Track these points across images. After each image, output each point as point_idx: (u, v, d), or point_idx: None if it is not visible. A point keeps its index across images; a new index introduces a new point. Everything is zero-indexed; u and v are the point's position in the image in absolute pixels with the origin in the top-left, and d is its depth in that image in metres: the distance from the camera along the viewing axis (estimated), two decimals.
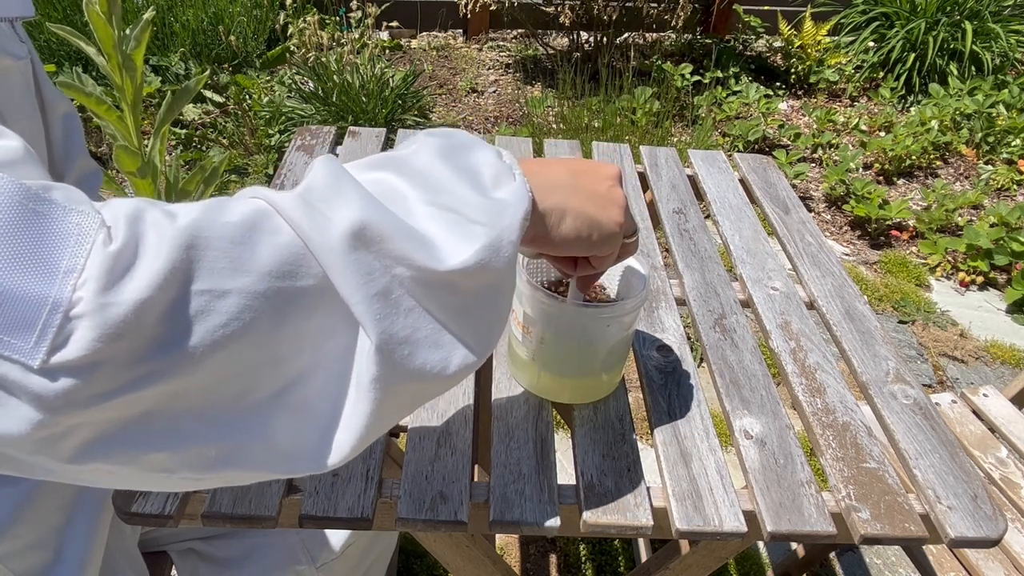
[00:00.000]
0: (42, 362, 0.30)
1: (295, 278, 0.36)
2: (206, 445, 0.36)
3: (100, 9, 1.29)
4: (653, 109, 2.89)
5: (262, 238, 0.36)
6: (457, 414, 0.66)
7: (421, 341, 0.39)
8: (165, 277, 0.32)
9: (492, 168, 0.45)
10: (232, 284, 0.34)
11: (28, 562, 0.64)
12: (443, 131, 0.47)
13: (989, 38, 3.39)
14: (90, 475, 0.35)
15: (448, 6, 3.81)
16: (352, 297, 0.37)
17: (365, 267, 0.37)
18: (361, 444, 0.40)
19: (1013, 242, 2.35)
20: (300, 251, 0.36)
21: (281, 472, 0.40)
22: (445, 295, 0.40)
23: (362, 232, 0.37)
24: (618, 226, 0.51)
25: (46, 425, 0.31)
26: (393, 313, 0.38)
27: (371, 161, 0.44)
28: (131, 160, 1.45)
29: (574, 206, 0.49)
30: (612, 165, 0.54)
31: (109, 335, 0.31)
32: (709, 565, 0.72)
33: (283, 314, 0.36)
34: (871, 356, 0.78)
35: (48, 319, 0.30)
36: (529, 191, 0.45)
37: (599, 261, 0.55)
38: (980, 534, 0.59)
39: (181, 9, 3.15)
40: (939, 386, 1.98)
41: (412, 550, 1.42)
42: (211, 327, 0.33)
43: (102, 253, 0.31)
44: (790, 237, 0.98)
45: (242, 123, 2.80)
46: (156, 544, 0.87)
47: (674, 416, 0.68)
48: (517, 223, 0.42)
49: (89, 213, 0.32)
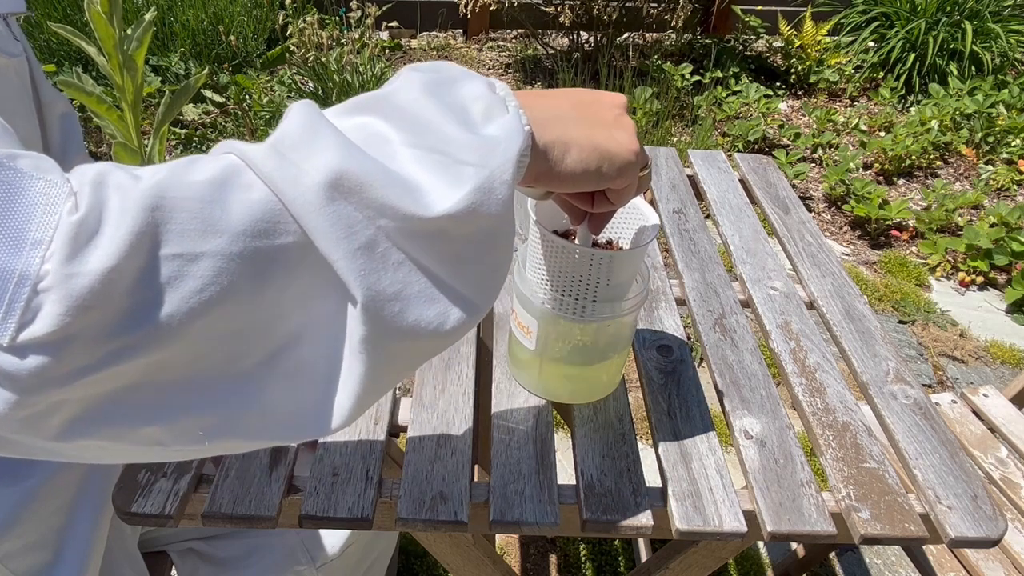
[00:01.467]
0: (11, 340, 0.29)
1: (272, 236, 0.34)
2: (198, 416, 0.35)
3: (101, 9, 1.29)
4: (653, 109, 2.89)
5: (233, 195, 0.33)
6: (457, 414, 0.66)
7: (413, 296, 0.36)
8: (131, 243, 0.30)
9: (483, 102, 0.41)
10: (205, 246, 0.32)
11: (28, 562, 0.64)
12: (430, 64, 0.43)
13: (989, 38, 3.39)
14: (82, 452, 0.34)
15: (448, 6, 3.81)
16: (333, 253, 0.34)
17: (345, 219, 0.34)
18: (361, 406, 0.39)
19: (1013, 242, 2.35)
20: (275, 207, 0.34)
21: (283, 438, 0.38)
22: (436, 245, 0.36)
23: (339, 181, 0.34)
24: (634, 153, 0.47)
25: (23, 405, 0.30)
26: (380, 268, 0.35)
27: (351, 104, 0.40)
28: (130, 158, 1.45)
29: (579, 137, 0.45)
30: (618, 94, 0.50)
31: (77, 307, 0.29)
32: (709, 565, 0.72)
33: (263, 275, 0.34)
34: (871, 356, 0.78)
35: (15, 293, 0.29)
36: (525, 124, 0.41)
37: (616, 195, 0.50)
38: (980, 534, 0.59)
39: (181, 9, 3.15)
40: (939, 386, 1.98)
41: (412, 550, 1.42)
42: (186, 293, 0.31)
43: (67, 222, 0.30)
44: (790, 237, 0.98)
45: (242, 123, 2.80)
46: (156, 544, 0.87)
47: (674, 416, 0.68)
48: (511, 160, 0.38)
49: (57, 182, 0.31)
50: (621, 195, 0.51)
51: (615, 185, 0.48)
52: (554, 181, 0.45)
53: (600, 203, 0.52)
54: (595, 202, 0.52)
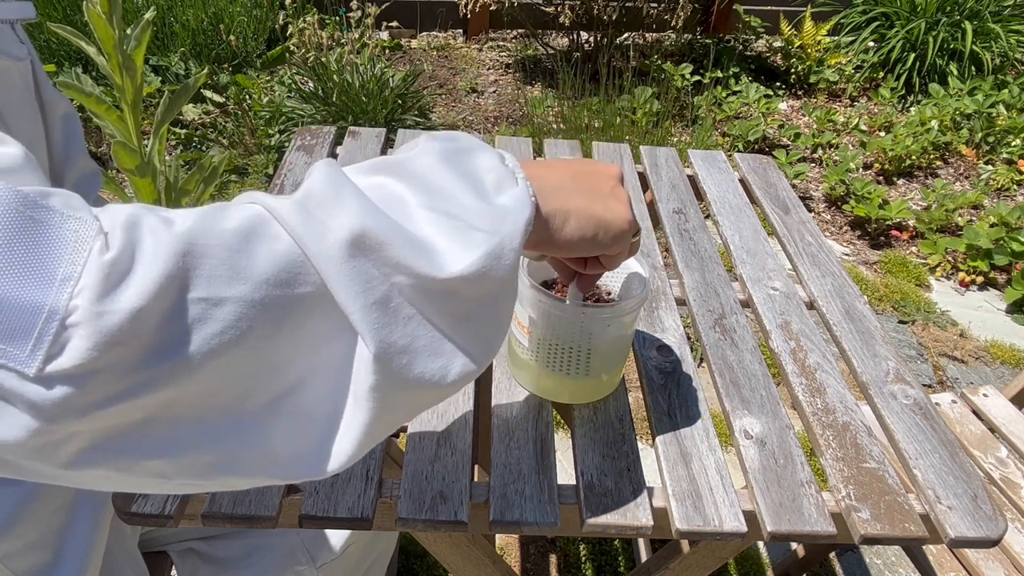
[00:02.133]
0: (38, 370, 0.30)
1: (293, 286, 0.35)
2: (203, 452, 0.36)
3: (100, 9, 1.29)
4: (653, 109, 2.89)
5: (260, 245, 0.35)
6: (457, 414, 0.66)
7: (420, 350, 0.38)
8: (161, 285, 0.32)
9: (494, 173, 0.44)
10: (229, 292, 0.33)
11: (28, 562, 0.64)
12: (445, 134, 0.46)
13: (989, 38, 3.39)
14: (87, 480, 0.35)
15: (448, 6, 3.81)
16: (350, 306, 0.36)
17: (363, 275, 0.36)
18: (360, 451, 0.40)
19: (1013, 242, 2.35)
20: (298, 259, 0.36)
21: (280, 478, 0.39)
22: (445, 303, 0.39)
23: (361, 239, 0.36)
24: (628, 223, 0.51)
25: (43, 432, 0.31)
26: (392, 322, 0.37)
27: (372, 165, 0.43)
28: (129, 157, 1.45)
29: (577, 207, 0.49)
30: (614, 165, 0.54)
31: (105, 343, 0.30)
32: (709, 565, 0.72)
33: (280, 322, 0.35)
34: (871, 356, 0.78)
35: (44, 327, 0.30)
36: (532, 196, 0.44)
37: (608, 260, 0.54)
38: (980, 534, 0.59)
39: (181, 9, 3.15)
40: (939, 386, 1.98)
41: (412, 550, 1.42)
42: (208, 335, 0.33)
43: (98, 261, 0.31)
44: (790, 237, 0.98)
45: (242, 123, 2.80)
46: (156, 544, 0.87)
47: (674, 416, 0.68)
48: (520, 230, 0.41)
49: (87, 220, 0.32)
50: (613, 260, 0.55)
51: (609, 252, 0.52)
52: (553, 247, 0.49)
53: (592, 266, 0.56)
54: (588, 265, 0.56)
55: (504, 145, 1.14)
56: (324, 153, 1.06)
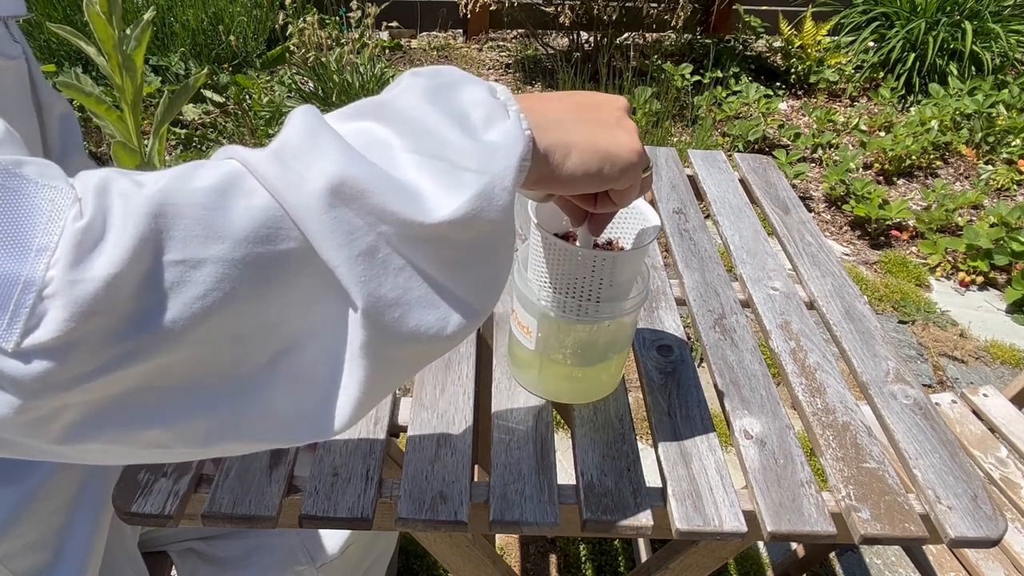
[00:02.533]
0: (15, 345, 0.29)
1: (274, 242, 0.34)
2: (200, 418, 0.35)
3: (100, 9, 1.29)
4: (653, 109, 2.89)
5: (235, 201, 0.33)
6: (457, 414, 0.66)
7: (414, 302, 0.37)
8: (135, 249, 0.30)
9: (483, 107, 0.41)
10: (207, 252, 0.32)
11: (28, 562, 0.64)
12: (431, 69, 0.43)
13: (989, 38, 3.39)
14: (84, 454, 0.34)
15: (448, 6, 3.81)
16: (334, 259, 0.34)
17: (346, 225, 0.34)
18: (362, 410, 0.39)
19: (1013, 242, 2.35)
20: (277, 213, 0.34)
21: (284, 441, 0.39)
22: (436, 250, 0.37)
23: (340, 188, 0.34)
24: (636, 154, 0.47)
25: (27, 409, 0.30)
26: (380, 274, 0.35)
27: (354, 108, 0.40)
28: (129, 158, 1.45)
29: (580, 140, 0.45)
30: (619, 96, 0.50)
31: (81, 313, 0.29)
32: (709, 565, 0.72)
33: (265, 281, 0.34)
34: (871, 356, 0.78)
35: (20, 299, 0.29)
36: (526, 129, 0.40)
37: (619, 196, 0.50)
38: (980, 534, 0.59)
39: (181, 9, 3.15)
40: (939, 386, 1.98)
41: (412, 550, 1.42)
42: (189, 299, 0.32)
43: (72, 229, 0.30)
44: (790, 237, 0.98)
45: (242, 123, 2.80)
46: (156, 544, 0.87)
47: (674, 416, 0.68)
48: (512, 167, 0.38)
49: (62, 188, 0.31)
50: (624, 196, 0.50)
51: (617, 186, 0.48)
52: (555, 184, 0.45)
53: (603, 204, 0.52)
54: (598, 203, 0.52)
55: None
56: None
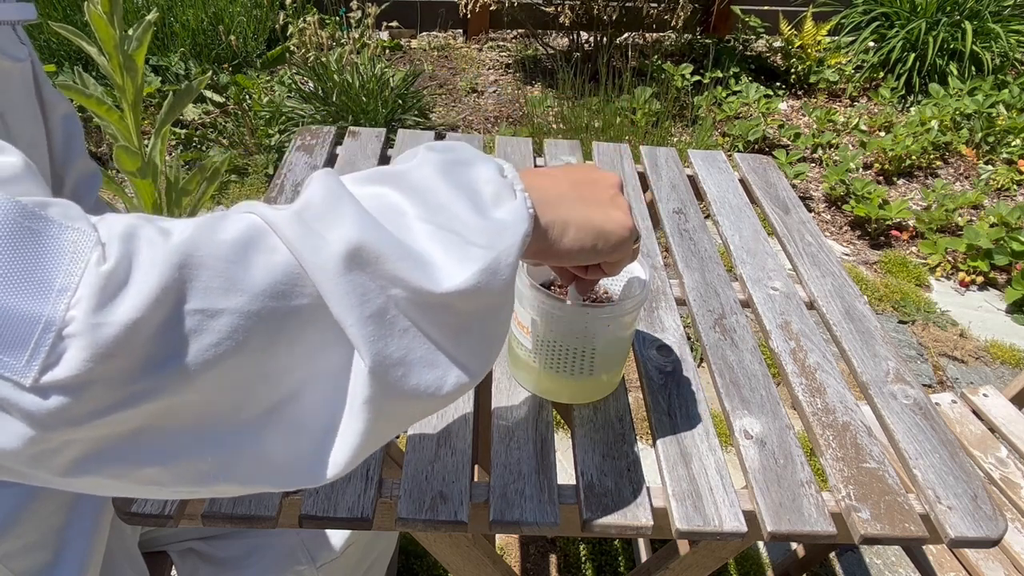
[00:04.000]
0: (34, 380, 0.30)
1: (289, 298, 0.36)
2: (198, 460, 0.36)
3: (102, 10, 1.29)
4: (653, 109, 2.89)
5: (256, 257, 0.35)
6: (457, 414, 0.66)
7: (415, 362, 0.39)
8: (157, 297, 0.32)
9: (493, 185, 0.44)
10: (225, 304, 0.33)
11: (28, 562, 0.64)
12: (445, 144, 0.46)
13: (989, 38, 3.39)
14: (84, 486, 0.35)
15: (448, 6, 3.81)
16: (346, 319, 0.36)
17: (360, 288, 0.36)
18: (356, 460, 0.40)
19: (1013, 242, 2.35)
20: (295, 271, 0.36)
21: (276, 486, 0.40)
22: (441, 316, 0.39)
23: (357, 253, 0.36)
24: (628, 230, 0.51)
25: (38, 441, 0.31)
26: (388, 335, 0.37)
27: (370, 175, 0.43)
28: (131, 160, 1.45)
29: (576, 217, 0.49)
30: (613, 173, 0.54)
31: (101, 355, 0.30)
32: (709, 565, 0.72)
33: (276, 333, 0.36)
34: (871, 356, 0.78)
35: (41, 338, 0.30)
36: (530, 208, 0.44)
37: (609, 267, 0.55)
38: (980, 534, 0.59)
39: (181, 9, 3.15)
40: (939, 386, 1.98)
41: (412, 550, 1.42)
42: (203, 346, 0.33)
43: (95, 272, 0.31)
44: (790, 237, 0.98)
45: (242, 123, 2.80)
46: (156, 544, 0.87)
47: (674, 416, 0.68)
48: (517, 244, 0.42)
49: (85, 231, 0.32)
50: (614, 267, 0.55)
51: (610, 259, 0.52)
52: (552, 257, 0.49)
53: (593, 272, 0.56)
54: (588, 271, 0.57)
55: (504, 145, 1.14)
56: (324, 153, 1.06)
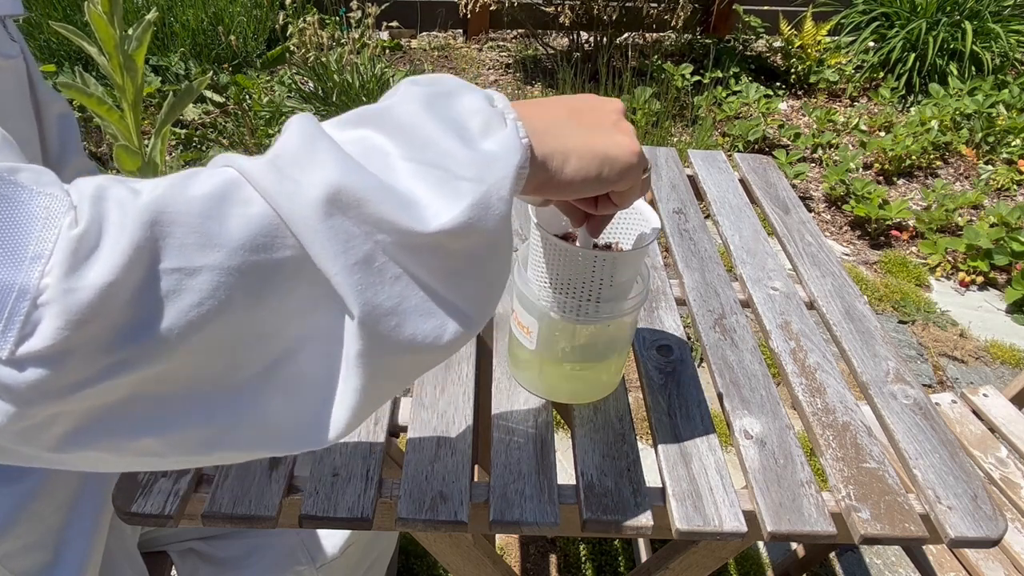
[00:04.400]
0: (10, 353, 0.29)
1: (270, 250, 0.34)
2: (195, 427, 0.35)
3: (101, 9, 1.29)
4: (653, 109, 2.89)
5: (232, 210, 0.33)
6: (457, 414, 0.66)
7: (410, 310, 0.37)
8: (130, 257, 0.30)
9: (481, 116, 0.41)
10: (203, 260, 0.32)
11: (27, 562, 0.64)
12: (428, 77, 0.43)
13: (989, 38, 3.39)
14: (80, 462, 0.34)
15: (448, 6, 3.81)
16: (331, 268, 0.34)
17: (342, 234, 0.34)
18: (358, 419, 0.39)
19: (1013, 242, 2.35)
20: (273, 221, 0.34)
21: (278, 450, 0.38)
22: (433, 259, 0.37)
23: (337, 196, 0.34)
24: (635, 155, 0.47)
25: (22, 417, 0.30)
26: (377, 282, 0.35)
27: (350, 117, 0.40)
28: (131, 160, 1.45)
29: (578, 144, 0.45)
30: (615, 99, 0.50)
31: (76, 321, 0.29)
32: (709, 565, 0.72)
33: (261, 289, 0.34)
34: (871, 356, 0.78)
35: (15, 307, 0.29)
36: (523, 138, 0.41)
37: (620, 198, 0.51)
38: (980, 534, 0.59)
39: (181, 9, 3.15)
40: (939, 386, 1.98)
41: (412, 550, 1.42)
42: (184, 307, 0.32)
43: (67, 236, 0.30)
44: (790, 237, 0.98)
45: (242, 123, 2.80)
46: (156, 544, 0.87)
47: (674, 416, 0.68)
48: (509, 176, 0.39)
49: (57, 195, 0.31)
50: (624, 197, 0.51)
51: (617, 188, 0.48)
52: (555, 190, 0.45)
53: (603, 206, 0.52)
54: (599, 205, 0.52)
55: None
56: None
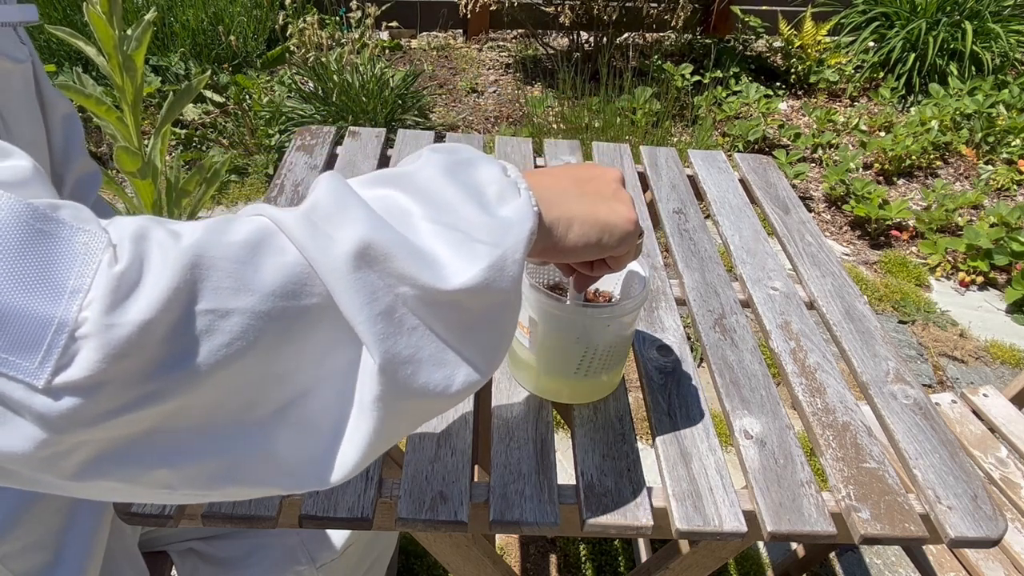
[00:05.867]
0: (46, 382, 0.30)
1: (299, 297, 0.36)
2: (208, 461, 0.36)
3: (101, 10, 1.29)
4: (653, 109, 2.89)
5: (266, 258, 0.36)
6: (457, 414, 0.66)
7: (424, 360, 0.39)
8: (169, 297, 0.32)
9: (497, 185, 0.45)
10: (236, 304, 0.34)
11: (28, 563, 0.64)
12: (447, 146, 0.47)
13: (989, 38, 3.39)
14: (92, 491, 0.35)
15: (448, 6, 3.81)
16: (356, 317, 0.37)
17: (369, 287, 0.37)
18: (365, 461, 0.40)
19: (1013, 242, 2.35)
20: (304, 271, 0.36)
21: (284, 488, 0.40)
22: (449, 314, 0.39)
23: (366, 251, 0.37)
24: (632, 223, 0.52)
25: (50, 444, 0.31)
26: (396, 332, 0.38)
27: (375, 177, 0.44)
28: (131, 160, 1.45)
29: (580, 213, 0.49)
30: (614, 168, 0.55)
31: (113, 355, 0.31)
32: (709, 565, 0.72)
33: (286, 333, 0.36)
34: (871, 356, 0.78)
35: (53, 339, 0.30)
36: (534, 206, 0.45)
37: (615, 261, 0.55)
38: (980, 534, 0.59)
39: (181, 9, 3.15)
40: (939, 386, 1.98)
41: (412, 550, 1.42)
42: (215, 347, 0.33)
43: (107, 273, 0.31)
44: (790, 237, 0.98)
45: (242, 123, 2.80)
46: (156, 544, 0.87)
47: (674, 416, 0.68)
48: (522, 241, 0.42)
49: (96, 232, 0.32)
50: (619, 261, 0.55)
51: (615, 254, 0.53)
52: (558, 254, 0.50)
53: (599, 268, 0.57)
54: (594, 268, 0.57)
55: (504, 145, 1.14)
56: (324, 153, 1.06)
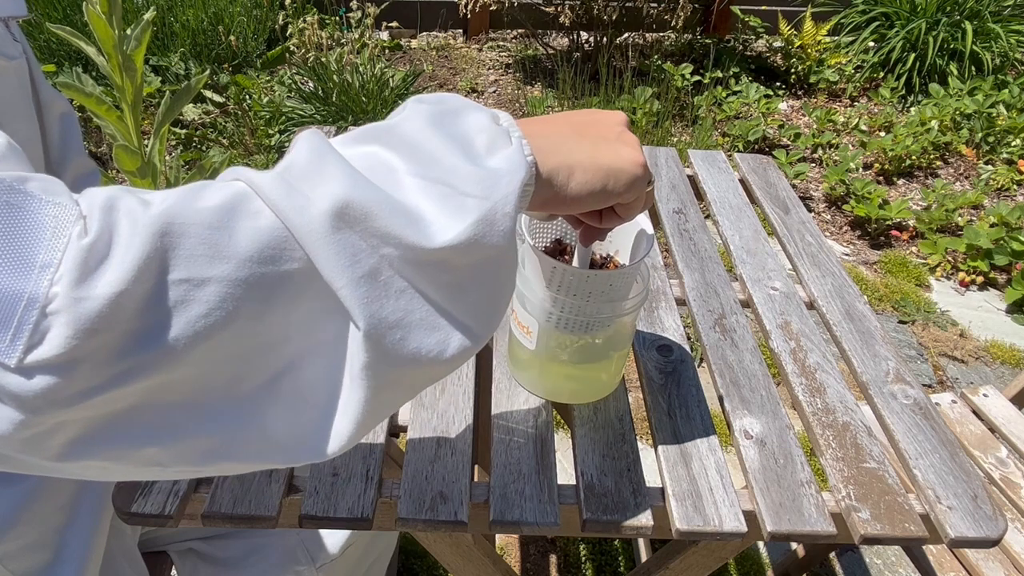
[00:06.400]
0: (18, 361, 0.29)
1: (278, 263, 0.34)
2: (198, 437, 0.35)
3: (100, 10, 1.29)
4: (653, 109, 2.89)
5: (241, 222, 0.34)
6: (457, 414, 0.66)
7: (415, 324, 0.37)
8: (139, 268, 0.31)
9: (486, 134, 0.41)
10: (211, 272, 0.32)
11: (28, 562, 0.64)
12: (434, 96, 0.44)
13: (989, 38, 3.39)
14: (82, 471, 0.34)
15: (448, 6, 3.81)
16: (337, 281, 0.35)
17: (349, 248, 0.35)
18: (360, 432, 0.39)
19: (1013, 242, 2.35)
20: (282, 234, 0.34)
21: (279, 462, 0.38)
22: (438, 274, 0.37)
23: (345, 211, 0.34)
24: (639, 167, 0.47)
25: (28, 425, 0.30)
26: (382, 296, 0.36)
27: (357, 134, 0.41)
28: (131, 160, 1.45)
29: (582, 159, 0.45)
30: (618, 112, 0.51)
31: (85, 331, 0.29)
32: (709, 565, 0.72)
33: (268, 301, 0.34)
34: (871, 356, 0.78)
35: (24, 316, 0.29)
36: (528, 155, 0.41)
37: (625, 210, 0.51)
38: (980, 534, 0.59)
39: (181, 9, 3.15)
40: (939, 386, 1.98)
41: (412, 550, 1.42)
42: (192, 318, 0.32)
43: (77, 246, 0.30)
44: (790, 237, 0.98)
45: (242, 123, 2.80)
46: (156, 544, 0.87)
47: (674, 416, 0.68)
48: (514, 193, 0.39)
49: (66, 205, 0.31)
50: (629, 210, 0.51)
51: (623, 200, 0.48)
52: (561, 206, 0.46)
53: (608, 219, 0.53)
54: (603, 219, 0.53)
55: None
56: None
